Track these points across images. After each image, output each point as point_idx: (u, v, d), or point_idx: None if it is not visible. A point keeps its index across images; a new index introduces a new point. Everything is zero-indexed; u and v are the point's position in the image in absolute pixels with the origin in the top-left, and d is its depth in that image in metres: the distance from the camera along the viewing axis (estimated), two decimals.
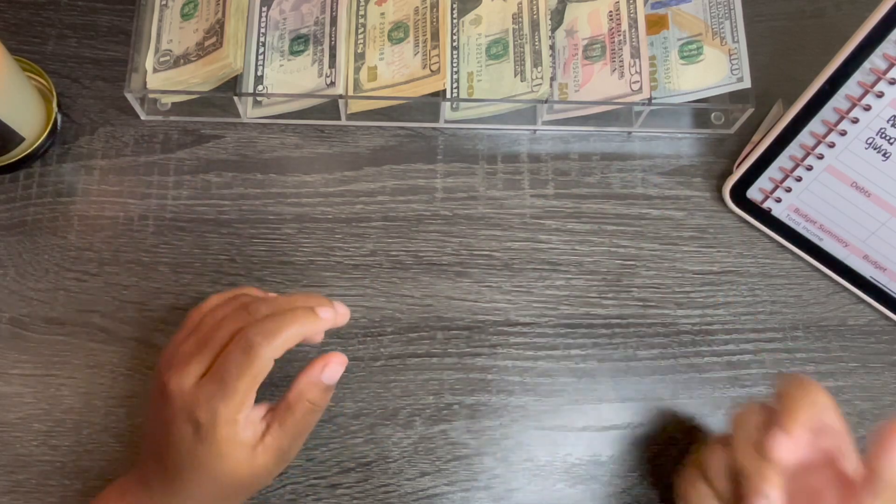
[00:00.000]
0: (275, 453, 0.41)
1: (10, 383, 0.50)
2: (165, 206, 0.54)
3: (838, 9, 0.61)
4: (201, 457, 0.40)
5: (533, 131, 0.57)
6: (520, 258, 0.54)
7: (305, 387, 0.41)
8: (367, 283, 0.53)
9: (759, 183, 0.53)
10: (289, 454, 0.42)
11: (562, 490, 0.50)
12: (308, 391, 0.41)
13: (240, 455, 0.40)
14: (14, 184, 0.55)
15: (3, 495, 0.48)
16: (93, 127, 0.56)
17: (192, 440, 0.39)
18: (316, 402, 0.41)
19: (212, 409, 0.39)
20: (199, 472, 0.40)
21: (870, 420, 0.52)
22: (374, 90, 0.55)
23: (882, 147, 0.47)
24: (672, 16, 0.57)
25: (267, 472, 0.42)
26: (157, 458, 0.42)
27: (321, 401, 0.41)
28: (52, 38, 0.58)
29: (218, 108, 0.56)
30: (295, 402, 0.41)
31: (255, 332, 0.39)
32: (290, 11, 0.56)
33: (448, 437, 0.50)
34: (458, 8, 0.57)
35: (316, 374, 0.41)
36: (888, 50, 0.44)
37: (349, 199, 0.55)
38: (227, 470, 0.40)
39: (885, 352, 0.53)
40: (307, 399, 0.41)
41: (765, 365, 0.53)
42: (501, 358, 0.52)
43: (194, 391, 0.39)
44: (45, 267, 0.53)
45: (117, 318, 0.52)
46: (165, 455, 0.41)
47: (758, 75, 0.54)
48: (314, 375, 0.41)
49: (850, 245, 0.52)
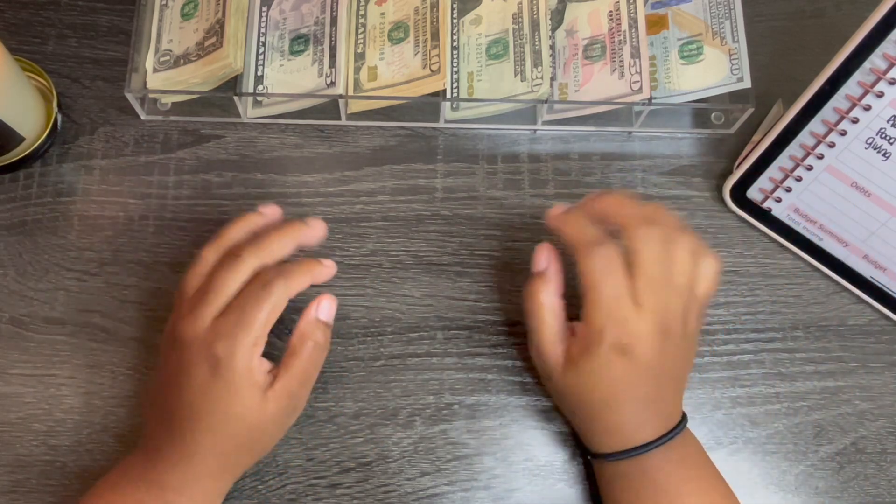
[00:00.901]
0: (285, 399, 0.42)
1: (10, 383, 0.50)
2: (165, 206, 0.54)
3: (838, 9, 0.61)
4: (215, 394, 0.40)
5: (533, 131, 0.57)
6: (520, 258, 0.54)
7: (304, 327, 0.43)
8: (367, 283, 0.53)
9: (759, 183, 0.53)
10: (298, 402, 0.44)
11: (562, 490, 0.50)
12: (307, 331, 0.43)
13: (252, 397, 0.41)
14: (14, 184, 0.55)
15: (3, 495, 0.48)
16: (93, 127, 0.56)
17: (207, 378, 0.41)
18: (317, 340, 0.43)
19: (231, 340, 0.40)
20: (210, 416, 0.41)
21: (870, 420, 0.52)
22: (374, 90, 0.55)
23: (882, 147, 0.47)
24: (672, 16, 0.57)
25: (276, 423, 0.43)
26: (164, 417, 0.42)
27: (322, 338, 0.44)
28: (52, 38, 0.58)
29: (218, 108, 0.56)
30: (298, 344, 0.43)
31: (273, 272, 0.42)
32: (290, 11, 0.56)
33: (448, 437, 0.50)
34: (458, 8, 0.57)
35: (311, 314, 0.44)
36: (888, 50, 0.44)
37: (349, 199, 0.55)
38: (238, 412, 0.41)
39: (885, 352, 0.53)
40: (308, 339, 0.43)
41: (765, 365, 0.53)
42: (501, 358, 0.52)
43: (211, 328, 0.41)
44: (45, 267, 0.53)
45: (117, 318, 0.52)
46: (175, 408, 0.42)
47: (758, 75, 0.54)
48: (310, 315, 0.44)
49: (849, 245, 0.52)
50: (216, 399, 0.41)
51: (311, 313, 0.44)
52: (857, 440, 0.51)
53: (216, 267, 0.43)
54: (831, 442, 0.51)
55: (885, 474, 0.51)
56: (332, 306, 0.45)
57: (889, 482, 0.51)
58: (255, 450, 0.44)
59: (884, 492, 0.50)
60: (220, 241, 0.45)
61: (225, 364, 0.40)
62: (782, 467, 0.51)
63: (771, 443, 0.51)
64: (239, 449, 0.43)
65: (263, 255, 0.43)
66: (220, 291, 0.42)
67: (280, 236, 0.44)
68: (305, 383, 0.44)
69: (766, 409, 0.52)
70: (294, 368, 0.42)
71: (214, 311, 0.42)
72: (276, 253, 0.44)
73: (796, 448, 0.51)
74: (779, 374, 0.52)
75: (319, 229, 0.46)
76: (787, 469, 0.51)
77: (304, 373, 0.43)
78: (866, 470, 0.51)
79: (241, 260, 0.43)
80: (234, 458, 0.43)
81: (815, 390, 0.52)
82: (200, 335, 0.41)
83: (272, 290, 0.42)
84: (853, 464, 0.51)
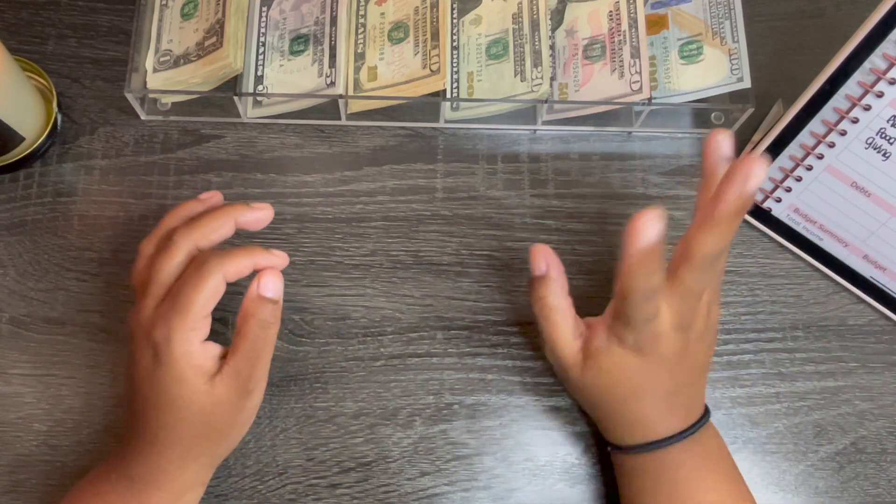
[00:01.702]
0: (233, 379, 0.41)
1: (10, 383, 0.50)
2: (165, 206, 0.54)
3: (838, 9, 0.61)
4: (159, 380, 0.40)
5: (533, 131, 0.57)
6: (520, 258, 0.54)
7: (248, 306, 0.42)
8: (367, 283, 0.53)
9: None
10: (250, 381, 0.42)
11: (562, 490, 0.50)
12: (251, 309, 0.42)
13: (198, 382, 0.40)
14: (14, 184, 0.55)
15: (3, 495, 0.48)
16: (93, 127, 0.56)
17: (151, 365, 0.40)
18: (262, 317, 0.42)
19: (166, 326, 0.40)
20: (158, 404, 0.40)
21: (870, 420, 0.52)
22: (374, 90, 0.55)
23: (882, 147, 0.47)
24: (672, 16, 0.57)
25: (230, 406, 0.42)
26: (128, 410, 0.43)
27: (268, 315, 0.42)
28: (52, 38, 0.58)
29: (218, 108, 0.56)
30: (242, 324, 0.42)
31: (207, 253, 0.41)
32: (290, 11, 0.56)
33: (448, 437, 0.50)
34: (458, 8, 0.57)
35: (253, 291, 0.42)
36: (888, 50, 0.44)
37: (349, 199, 0.55)
38: (187, 397, 0.40)
39: (885, 352, 0.53)
40: (252, 317, 0.42)
41: (765, 365, 0.53)
42: (501, 358, 0.52)
43: (151, 316, 0.41)
44: (45, 267, 0.53)
45: (117, 318, 0.52)
46: (132, 399, 0.42)
47: (758, 75, 0.54)
48: (252, 293, 0.42)
49: (850, 245, 0.52)
50: (161, 385, 0.40)
51: (252, 290, 0.42)
52: (857, 440, 0.51)
53: (153, 256, 0.43)
54: (831, 442, 0.51)
55: (885, 474, 0.51)
56: (277, 281, 0.43)
57: (889, 482, 0.51)
58: (216, 436, 0.43)
59: (884, 492, 0.50)
60: (156, 232, 0.44)
61: (164, 350, 0.40)
62: (782, 467, 0.51)
63: (771, 443, 0.51)
64: (196, 435, 0.42)
65: (196, 236, 0.42)
66: (157, 279, 0.42)
67: (214, 217, 0.43)
68: (255, 363, 0.42)
69: (766, 409, 0.52)
70: (240, 349, 0.41)
71: (156, 300, 0.41)
72: (211, 235, 0.43)
73: (796, 448, 0.51)
74: (779, 374, 0.52)
75: (262, 211, 0.44)
76: (787, 469, 0.51)
77: (251, 352, 0.42)
78: (866, 470, 0.51)
79: (173, 243, 0.42)
80: (195, 445, 0.42)
81: (815, 390, 0.52)
82: (142, 324, 0.41)
83: (206, 272, 0.40)
84: (853, 464, 0.51)
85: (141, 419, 0.42)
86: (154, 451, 0.42)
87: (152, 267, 0.42)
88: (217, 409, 0.41)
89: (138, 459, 0.42)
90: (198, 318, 0.40)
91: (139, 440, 0.42)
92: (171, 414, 0.41)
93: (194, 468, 0.43)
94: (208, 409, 0.41)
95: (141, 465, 0.42)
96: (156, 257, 0.43)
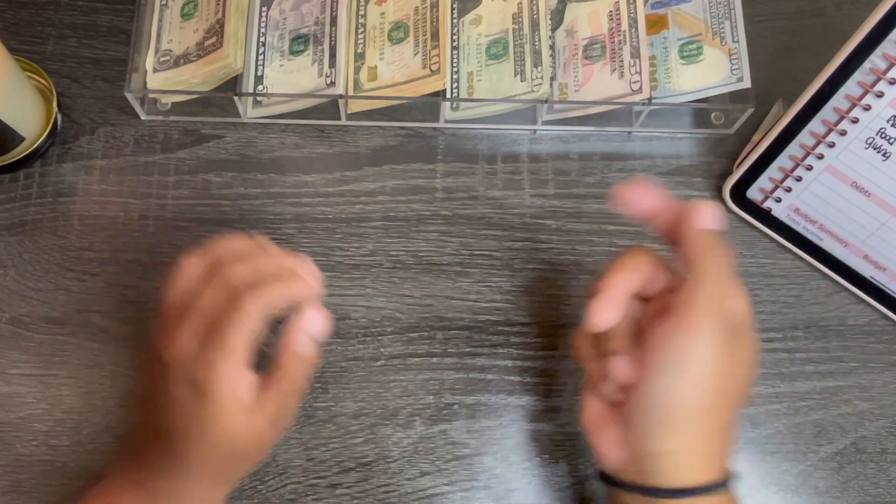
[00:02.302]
0: (272, 414, 0.41)
1: (10, 383, 0.50)
2: (165, 206, 0.54)
3: (838, 9, 0.61)
4: (201, 418, 0.40)
5: (533, 131, 0.57)
6: (520, 258, 0.54)
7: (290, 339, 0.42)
8: (367, 283, 0.53)
9: (759, 183, 0.53)
10: (285, 417, 0.42)
11: (562, 490, 0.50)
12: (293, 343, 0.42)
13: (239, 416, 0.40)
14: (14, 184, 0.55)
15: (3, 495, 0.48)
16: (93, 127, 0.56)
17: (192, 402, 0.40)
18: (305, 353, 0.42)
19: (209, 365, 0.39)
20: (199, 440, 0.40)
21: (870, 420, 0.52)
22: (374, 90, 0.55)
23: (882, 147, 0.47)
24: (672, 16, 0.57)
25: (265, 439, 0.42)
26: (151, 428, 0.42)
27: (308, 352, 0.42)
28: (52, 38, 0.58)
29: (218, 108, 0.56)
30: (282, 354, 0.42)
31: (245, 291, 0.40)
32: (290, 11, 0.56)
33: (448, 437, 0.50)
34: (458, 8, 0.57)
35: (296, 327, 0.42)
36: (888, 50, 0.44)
37: (349, 199, 0.55)
38: (227, 432, 0.40)
39: (885, 352, 0.53)
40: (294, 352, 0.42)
41: (765, 365, 0.53)
42: (501, 358, 0.52)
43: (192, 354, 0.40)
44: (45, 267, 0.53)
45: (117, 318, 0.52)
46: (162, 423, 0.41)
47: (758, 75, 0.54)
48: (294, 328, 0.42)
49: (850, 245, 0.52)
50: (202, 423, 0.40)
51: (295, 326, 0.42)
52: (857, 440, 0.51)
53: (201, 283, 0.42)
54: (831, 442, 0.51)
55: (885, 474, 0.51)
56: (322, 321, 0.43)
57: (889, 482, 0.51)
58: (245, 462, 0.43)
59: (884, 492, 0.50)
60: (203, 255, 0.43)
61: (207, 391, 0.39)
62: (782, 467, 0.51)
63: (771, 443, 0.51)
64: (230, 463, 0.42)
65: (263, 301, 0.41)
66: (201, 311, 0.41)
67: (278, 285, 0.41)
68: (293, 395, 0.42)
69: (766, 409, 0.52)
70: (281, 384, 0.41)
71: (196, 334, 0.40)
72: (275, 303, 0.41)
73: (796, 448, 0.51)
74: (779, 374, 0.52)
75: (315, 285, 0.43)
76: (787, 469, 0.51)
77: (290, 386, 0.42)
78: (866, 470, 0.51)
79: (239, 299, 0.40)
80: (226, 471, 0.42)
81: (815, 390, 0.52)
82: (183, 359, 0.40)
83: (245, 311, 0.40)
84: (853, 464, 0.51)
85: (167, 441, 0.41)
86: (182, 474, 0.41)
87: (199, 296, 0.41)
88: (251, 440, 0.41)
89: (162, 476, 0.41)
90: (239, 355, 0.40)
91: (163, 459, 0.41)
92: (205, 444, 0.40)
93: (220, 489, 0.43)
94: (244, 440, 0.41)
95: (164, 482, 0.41)
96: (205, 288, 0.41)
